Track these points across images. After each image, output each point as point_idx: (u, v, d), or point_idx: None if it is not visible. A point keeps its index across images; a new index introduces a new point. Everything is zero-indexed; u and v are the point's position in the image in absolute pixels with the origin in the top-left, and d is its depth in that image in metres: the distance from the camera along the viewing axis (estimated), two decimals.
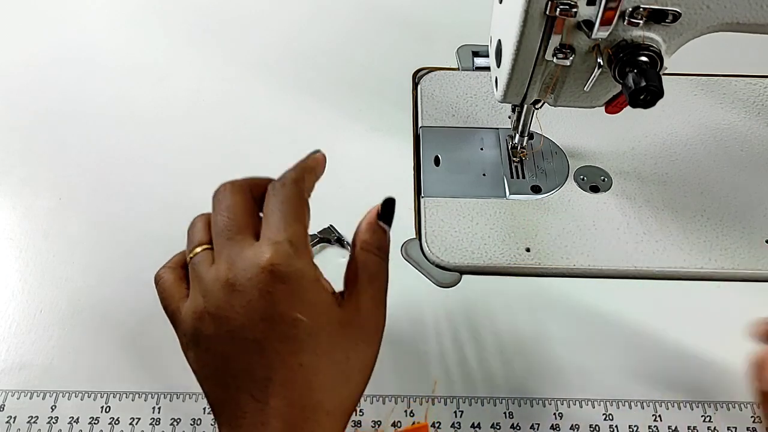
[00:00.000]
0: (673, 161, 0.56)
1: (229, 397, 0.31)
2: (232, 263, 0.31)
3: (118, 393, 0.43)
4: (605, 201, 0.53)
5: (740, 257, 0.50)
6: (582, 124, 0.58)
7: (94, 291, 0.48)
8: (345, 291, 0.34)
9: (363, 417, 0.43)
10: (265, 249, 0.31)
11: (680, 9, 0.38)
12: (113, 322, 0.46)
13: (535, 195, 0.54)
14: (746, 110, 0.60)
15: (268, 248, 0.31)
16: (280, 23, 0.68)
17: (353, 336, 0.33)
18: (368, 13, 0.70)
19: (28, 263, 0.50)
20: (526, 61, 0.42)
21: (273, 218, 0.33)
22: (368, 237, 0.36)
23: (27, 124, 0.58)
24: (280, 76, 0.63)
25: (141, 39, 0.66)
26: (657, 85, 0.37)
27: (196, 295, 0.32)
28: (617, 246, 0.50)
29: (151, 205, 0.53)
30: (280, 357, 0.31)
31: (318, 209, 0.53)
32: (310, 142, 0.50)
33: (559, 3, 0.37)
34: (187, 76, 0.63)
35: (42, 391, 0.43)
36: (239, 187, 0.35)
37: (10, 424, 0.42)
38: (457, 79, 0.62)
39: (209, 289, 0.31)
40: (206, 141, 0.57)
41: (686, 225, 0.52)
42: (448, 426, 0.42)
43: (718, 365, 0.45)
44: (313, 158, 0.37)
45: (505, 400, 0.43)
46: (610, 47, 0.40)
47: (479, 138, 0.57)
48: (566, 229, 0.51)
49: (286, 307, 0.31)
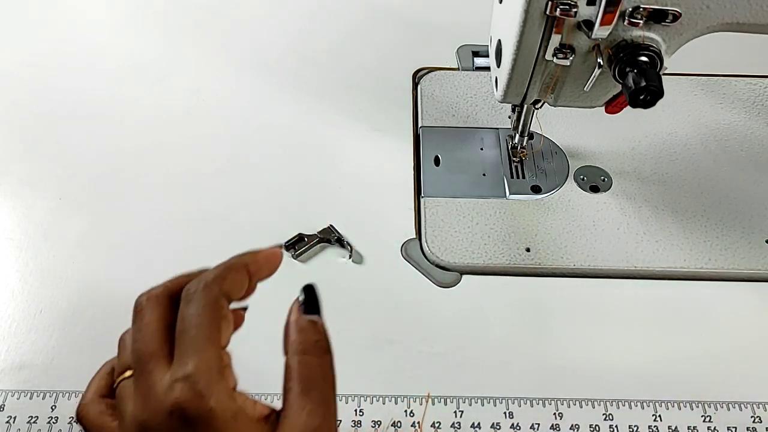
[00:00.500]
0: (673, 161, 0.56)
1: None
2: (145, 402, 0.28)
3: None
4: (605, 201, 0.53)
5: (740, 257, 0.50)
6: (582, 124, 0.58)
7: (94, 291, 0.48)
8: (282, 406, 0.30)
9: (363, 417, 0.43)
10: (171, 388, 0.27)
11: (680, 9, 0.38)
12: (113, 322, 0.46)
13: (535, 195, 0.54)
14: (746, 110, 0.60)
15: (173, 387, 0.27)
16: (281, 23, 0.68)
17: None
18: (368, 13, 0.70)
19: (28, 263, 0.50)
20: (526, 61, 0.42)
21: (182, 340, 0.29)
22: (296, 337, 0.32)
23: (27, 124, 0.58)
24: (280, 77, 0.63)
25: (141, 39, 0.66)
26: (657, 85, 0.37)
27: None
28: (617, 246, 0.50)
29: (151, 205, 0.53)
30: None
31: (318, 209, 0.54)
32: (310, 141, 0.51)
33: (559, 3, 0.37)
34: (188, 76, 0.63)
35: (42, 391, 0.43)
36: (155, 300, 0.31)
37: (10, 424, 0.42)
38: (457, 79, 0.62)
39: (127, 429, 0.28)
40: (206, 141, 0.57)
41: (686, 225, 0.52)
42: (448, 426, 0.42)
43: (718, 365, 0.45)
44: (255, 255, 0.32)
45: (505, 400, 0.43)
46: (610, 47, 0.40)
47: (479, 138, 0.57)
48: (566, 229, 0.51)
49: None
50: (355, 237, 0.51)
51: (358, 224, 0.51)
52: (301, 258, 0.50)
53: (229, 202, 0.53)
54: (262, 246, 0.47)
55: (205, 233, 0.51)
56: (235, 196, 0.54)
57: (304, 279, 0.49)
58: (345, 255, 0.50)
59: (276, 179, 0.55)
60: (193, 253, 0.50)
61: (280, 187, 0.54)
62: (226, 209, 0.53)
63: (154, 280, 0.36)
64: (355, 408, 0.43)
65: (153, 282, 0.48)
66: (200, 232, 0.51)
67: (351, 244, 0.51)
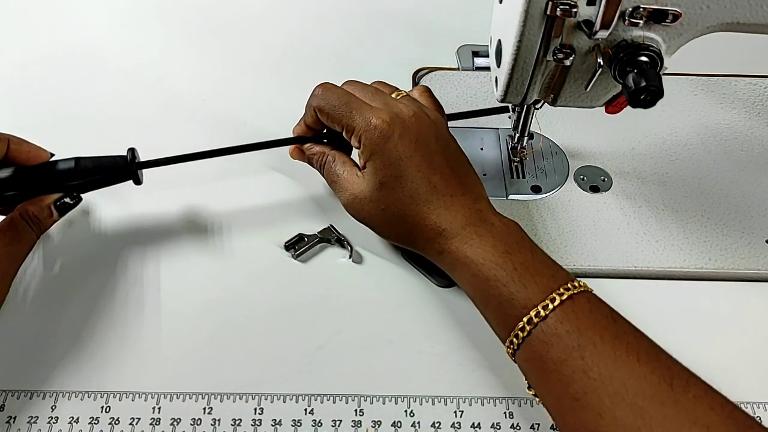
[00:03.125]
0: (673, 161, 0.56)
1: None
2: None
3: (118, 393, 0.43)
4: (605, 201, 0.53)
5: (740, 257, 0.50)
6: (582, 124, 0.58)
7: (94, 291, 0.48)
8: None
9: (363, 417, 0.43)
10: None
11: (680, 9, 0.38)
12: (113, 322, 0.46)
13: (535, 195, 0.54)
14: (746, 110, 0.60)
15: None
16: (280, 24, 0.68)
17: None
18: (368, 13, 0.70)
19: (28, 262, 0.50)
20: (526, 61, 0.42)
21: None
22: (33, 209, 0.45)
23: (26, 124, 0.58)
24: (280, 77, 0.63)
25: (141, 38, 0.66)
26: (657, 85, 0.37)
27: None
28: (617, 246, 0.50)
29: (151, 205, 0.53)
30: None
31: (318, 209, 0.54)
32: None
33: (559, 3, 0.37)
34: (187, 76, 0.63)
35: (42, 391, 0.43)
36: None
37: (10, 424, 0.42)
38: (457, 79, 0.62)
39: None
40: (206, 141, 0.57)
41: (686, 225, 0.52)
42: (448, 426, 0.42)
43: (717, 365, 0.45)
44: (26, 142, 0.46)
45: (506, 400, 0.43)
46: (610, 47, 0.40)
47: (479, 138, 0.57)
48: (566, 229, 0.51)
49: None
50: (355, 237, 0.51)
51: (358, 224, 0.51)
52: (301, 258, 0.50)
53: (229, 201, 0.53)
54: (259, 244, 0.47)
55: (206, 233, 0.51)
56: (235, 195, 0.54)
57: (304, 279, 0.49)
58: (345, 255, 0.50)
59: (276, 179, 0.55)
60: (194, 255, 0.50)
61: (280, 187, 0.54)
62: (226, 209, 0.53)
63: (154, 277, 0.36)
64: (355, 408, 0.43)
65: (153, 282, 0.48)
66: (201, 232, 0.51)
67: (351, 244, 0.51)
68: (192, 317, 0.47)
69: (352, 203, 0.46)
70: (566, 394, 0.37)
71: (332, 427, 0.42)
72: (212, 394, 0.43)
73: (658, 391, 0.34)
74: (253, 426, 0.42)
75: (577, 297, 0.38)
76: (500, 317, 0.40)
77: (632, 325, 0.39)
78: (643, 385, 0.35)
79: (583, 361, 0.36)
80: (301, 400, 0.43)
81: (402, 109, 0.45)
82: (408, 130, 0.44)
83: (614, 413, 0.34)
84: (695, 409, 0.34)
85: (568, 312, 0.38)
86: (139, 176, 0.48)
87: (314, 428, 0.42)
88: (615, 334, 0.37)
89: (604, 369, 0.36)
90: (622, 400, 0.34)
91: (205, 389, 0.43)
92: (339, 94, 0.47)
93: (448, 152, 0.45)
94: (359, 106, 0.45)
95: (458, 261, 0.42)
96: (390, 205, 0.44)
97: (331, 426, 0.42)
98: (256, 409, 0.43)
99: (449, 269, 0.44)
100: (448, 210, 0.43)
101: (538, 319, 0.38)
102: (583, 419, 0.36)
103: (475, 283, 0.41)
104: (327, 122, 0.47)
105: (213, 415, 0.42)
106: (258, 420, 0.42)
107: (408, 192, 0.44)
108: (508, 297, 0.39)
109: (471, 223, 0.43)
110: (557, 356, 0.37)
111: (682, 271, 0.49)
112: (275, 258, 0.50)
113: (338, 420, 0.42)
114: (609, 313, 0.39)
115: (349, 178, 0.47)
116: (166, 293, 0.48)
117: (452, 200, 0.43)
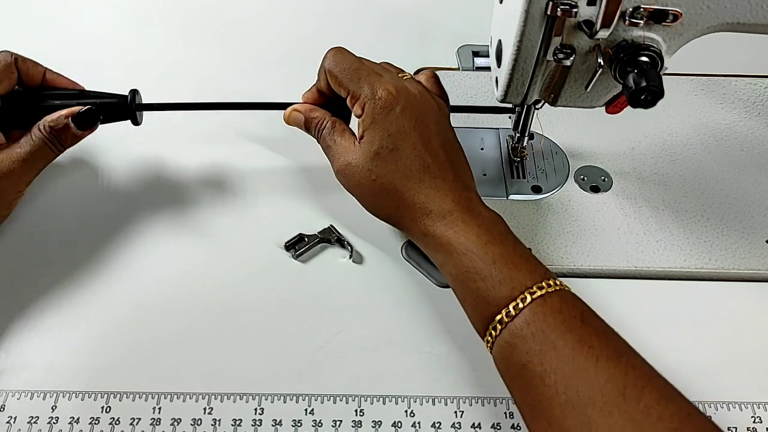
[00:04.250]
0: (673, 161, 0.56)
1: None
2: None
3: (118, 393, 0.43)
4: (605, 201, 0.53)
5: (740, 257, 0.50)
6: (582, 124, 0.58)
7: (94, 290, 0.48)
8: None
9: (363, 417, 0.43)
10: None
11: (680, 9, 0.38)
12: (113, 322, 0.46)
13: (535, 195, 0.54)
14: (746, 110, 0.60)
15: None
16: (280, 24, 0.68)
17: None
18: (368, 12, 0.70)
19: (27, 264, 0.50)
20: (526, 61, 0.42)
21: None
22: (49, 120, 0.46)
23: None
24: (280, 76, 0.63)
25: (141, 38, 0.66)
26: (657, 85, 0.37)
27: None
28: (617, 246, 0.50)
29: (151, 205, 0.53)
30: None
31: (318, 209, 0.54)
32: (311, 141, 0.51)
33: (560, 3, 0.37)
34: (187, 75, 0.63)
35: (42, 391, 0.43)
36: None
37: (10, 425, 0.42)
38: (457, 79, 0.62)
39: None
40: (206, 140, 0.57)
41: (686, 225, 0.52)
42: (448, 426, 0.42)
43: (717, 365, 0.45)
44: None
45: (506, 401, 0.43)
46: (610, 47, 0.40)
47: (479, 138, 0.57)
48: (566, 229, 0.51)
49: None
50: (355, 237, 0.51)
51: (358, 224, 0.51)
52: (301, 258, 0.50)
53: (229, 201, 0.53)
54: (259, 244, 0.47)
55: (205, 233, 0.51)
56: (235, 195, 0.54)
57: (304, 279, 0.49)
58: (345, 255, 0.50)
59: (276, 179, 0.55)
60: (194, 255, 0.50)
61: (280, 187, 0.54)
62: (226, 209, 0.53)
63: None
64: (355, 408, 0.43)
65: (153, 281, 0.48)
66: (201, 232, 0.51)
67: (351, 244, 0.51)
68: (192, 317, 0.47)
69: (344, 170, 0.46)
70: (525, 401, 0.37)
71: (332, 427, 0.42)
72: (212, 394, 0.43)
73: (608, 401, 0.34)
74: (254, 426, 0.42)
75: (549, 296, 0.38)
76: (476, 314, 0.40)
77: (603, 327, 0.38)
78: (594, 394, 0.34)
79: (542, 367, 0.36)
80: (302, 400, 0.43)
81: (408, 86, 0.46)
82: (411, 106, 0.45)
83: (563, 422, 0.34)
84: (642, 420, 0.33)
85: (536, 312, 0.37)
86: (137, 117, 0.50)
87: (314, 428, 0.42)
88: (580, 337, 0.36)
89: (560, 375, 0.35)
90: (572, 410, 0.34)
91: (205, 389, 0.43)
92: (351, 59, 0.47)
93: (445, 138, 0.46)
94: (368, 74, 0.46)
95: (441, 246, 0.42)
96: (381, 177, 0.45)
97: (331, 426, 0.42)
98: (256, 409, 0.43)
99: (431, 253, 0.44)
100: (438, 192, 0.43)
101: (508, 319, 0.38)
102: (537, 427, 0.36)
103: (455, 273, 0.41)
104: (334, 86, 0.48)
105: (213, 416, 0.42)
106: (258, 420, 0.42)
107: (401, 166, 0.44)
108: (483, 293, 0.39)
109: (458, 209, 0.43)
110: (519, 360, 0.37)
111: (682, 271, 0.49)
112: (275, 258, 0.50)
113: (338, 420, 0.42)
114: (579, 314, 0.38)
115: (345, 144, 0.47)
116: (165, 293, 0.48)
117: (443, 183, 0.44)
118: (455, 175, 0.44)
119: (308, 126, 0.50)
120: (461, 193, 0.44)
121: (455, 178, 0.44)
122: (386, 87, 0.45)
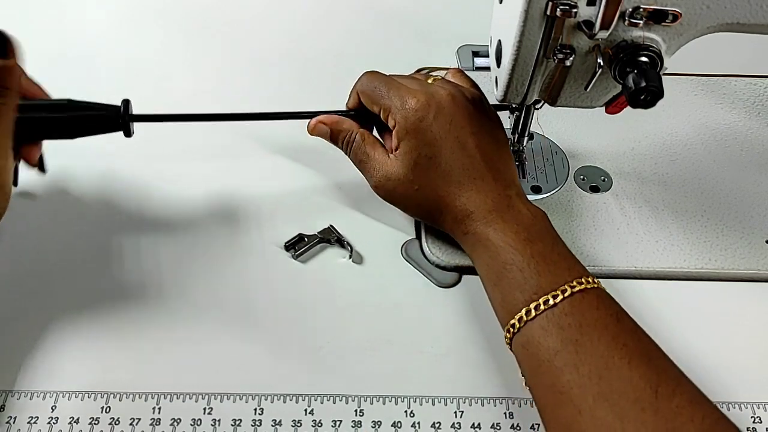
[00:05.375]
0: (673, 161, 0.56)
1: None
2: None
3: (118, 393, 0.43)
4: (605, 201, 0.53)
5: (740, 257, 0.50)
6: (582, 124, 0.58)
7: (95, 290, 0.48)
8: None
9: (363, 417, 0.43)
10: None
11: (680, 9, 0.38)
12: (113, 322, 0.46)
13: (535, 195, 0.54)
14: (746, 110, 0.60)
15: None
16: (280, 24, 0.68)
17: None
18: (368, 13, 0.70)
19: (26, 266, 0.50)
20: (526, 61, 0.42)
21: None
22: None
23: None
24: (280, 76, 0.63)
25: (140, 38, 0.66)
26: (657, 86, 0.37)
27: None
28: (617, 246, 0.50)
29: (151, 205, 0.53)
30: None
31: (318, 209, 0.54)
32: (310, 141, 0.51)
33: (559, 3, 0.37)
34: (187, 75, 0.63)
35: (42, 392, 0.43)
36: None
37: (10, 425, 0.42)
38: None
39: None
40: (205, 140, 0.57)
41: (686, 225, 0.52)
42: (448, 426, 0.42)
43: (718, 365, 0.45)
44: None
45: (506, 401, 0.43)
46: (610, 47, 0.40)
47: None
48: (566, 229, 0.51)
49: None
50: (355, 237, 0.51)
51: (358, 224, 0.51)
52: (301, 258, 0.50)
53: (229, 201, 0.53)
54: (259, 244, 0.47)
55: (205, 233, 0.51)
56: (235, 195, 0.54)
57: (305, 279, 0.49)
58: (345, 255, 0.50)
59: (276, 179, 0.55)
60: (194, 255, 0.50)
61: (280, 187, 0.54)
62: (226, 209, 0.53)
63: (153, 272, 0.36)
64: (355, 408, 0.43)
65: (153, 282, 0.48)
66: (200, 232, 0.51)
67: (351, 244, 0.51)
68: (192, 317, 0.47)
69: (384, 185, 0.47)
70: (553, 386, 0.37)
71: (332, 427, 0.42)
72: (212, 395, 0.43)
73: (641, 397, 0.35)
74: (253, 426, 0.42)
75: (587, 293, 0.39)
76: (508, 299, 0.41)
77: (636, 327, 0.39)
78: (627, 389, 0.35)
79: (576, 356, 0.37)
80: (301, 400, 0.43)
81: (438, 91, 0.46)
82: (443, 111, 0.45)
83: (594, 412, 0.35)
84: (674, 419, 0.34)
85: (575, 305, 0.38)
86: (129, 128, 0.48)
87: (314, 428, 0.42)
88: (614, 335, 0.37)
89: (594, 367, 0.36)
90: (605, 401, 0.35)
91: (205, 389, 0.43)
92: (380, 78, 0.48)
93: (482, 134, 0.46)
94: (397, 87, 0.47)
95: (479, 242, 0.43)
96: (423, 186, 0.45)
97: (331, 426, 0.42)
98: (256, 409, 0.43)
99: (469, 249, 0.45)
100: (478, 193, 0.44)
101: (545, 307, 0.39)
102: (563, 414, 0.36)
103: (492, 264, 0.42)
104: (366, 103, 0.48)
105: (213, 416, 0.42)
106: (258, 420, 0.42)
107: (441, 172, 0.45)
108: (521, 281, 0.40)
109: (498, 209, 0.43)
110: (553, 346, 0.38)
111: (682, 271, 0.49)
112: (275, 258, 0.50)
113: (338, 420, 0.42)
114: (615, 312, 0.39)
115: (379, 158, 0.47)
116: (165, 293, 0.48)
117: (483, 184, 0.44)
118: (495, 173, 0.45)
119: (335, 138, 0.50)
120: (502, 192, 0.44)
121: (495, 176, 0.45)
122: (415, 95, 0.46)
